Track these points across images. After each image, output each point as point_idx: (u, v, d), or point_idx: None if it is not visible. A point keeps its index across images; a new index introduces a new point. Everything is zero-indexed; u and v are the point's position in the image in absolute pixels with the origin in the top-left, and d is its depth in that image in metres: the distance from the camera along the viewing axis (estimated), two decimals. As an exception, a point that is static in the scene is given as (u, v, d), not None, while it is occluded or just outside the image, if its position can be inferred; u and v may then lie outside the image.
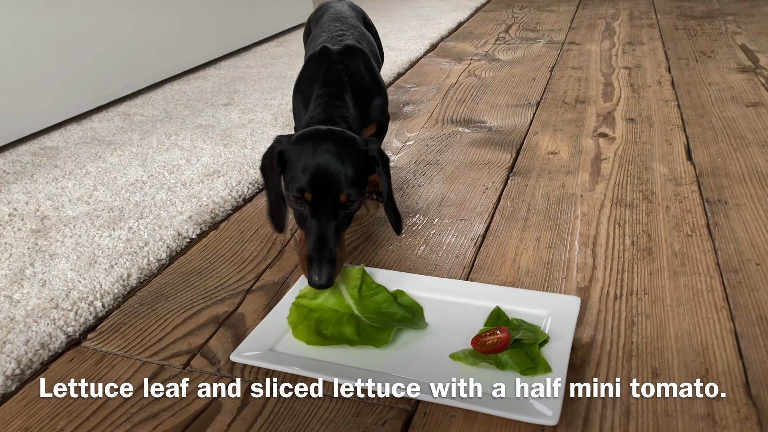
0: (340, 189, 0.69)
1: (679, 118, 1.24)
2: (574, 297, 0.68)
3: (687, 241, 0.81)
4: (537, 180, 1.01)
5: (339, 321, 0.66)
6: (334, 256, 0.68)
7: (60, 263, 0.81)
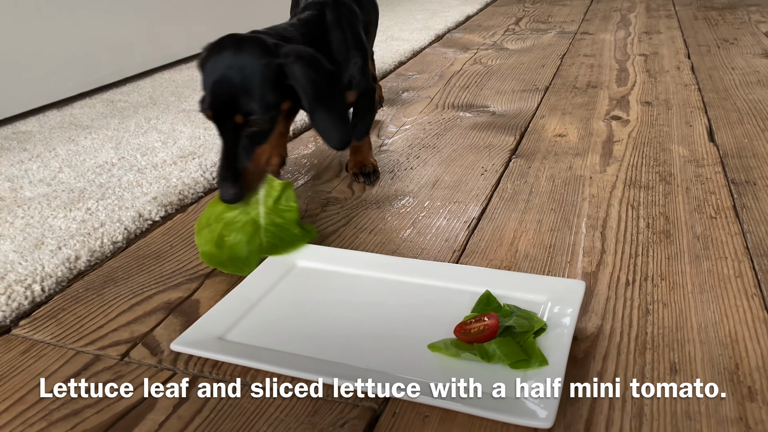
0: (235, 108, 0.66)
1: (699, 101, 1.13)
2: (577, 281, 0.58)
3: (710, 223, 0.71)
4: (542, 162, 0.91)
5: (242, 228, 0.68)
6: (240, 173, 0.67)
7: (3, 245, 0.72)
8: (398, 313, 0.57)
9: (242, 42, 0.68)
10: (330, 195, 0.86)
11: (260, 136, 0.68)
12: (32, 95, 1.28)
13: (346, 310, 0.58)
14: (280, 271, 0.65)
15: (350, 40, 0.81)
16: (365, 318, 0.57)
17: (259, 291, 0.61)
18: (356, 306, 0.59)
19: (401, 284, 0.61)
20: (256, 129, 0.68)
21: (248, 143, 0.68)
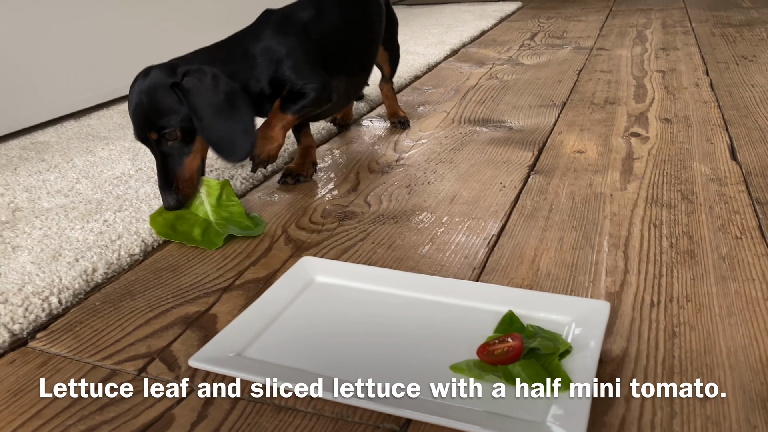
0: (149, 127, 0.75)
1: (720, 119, 1.12)
2: (602, 302, 0.57)
3: (736, 243, 0.70)
4: (561, 179, 0.90)
5: (193, 223, 0.77)
6: (172, 183, 0.76)
7: (21, 256, 0.72)
8: (419, 332, 0.56)
9: (148, 70, 0.78)
10: (347, 209, 0.85)
11: (183, 148, 0.77)
12: (50, 106, 1.29)
13: (365, 327, 0.57)
14: (298, 286, 0.64)
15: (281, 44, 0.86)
16: (385, 336, 0.56)
17: (277, 307, 0.60)
18: (376, 324, 0.58)
19: (421, 302, 0.60)
20: (176, 142, 0.76)
21: (176, 156, 0.77)
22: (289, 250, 0.75)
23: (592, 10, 2.65)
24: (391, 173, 0.97)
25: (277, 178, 0.97)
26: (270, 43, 0.86)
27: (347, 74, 0.99)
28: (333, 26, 0.94)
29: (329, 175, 0.98)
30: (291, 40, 0.86)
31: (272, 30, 0.87)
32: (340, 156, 1.06)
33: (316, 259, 0.68)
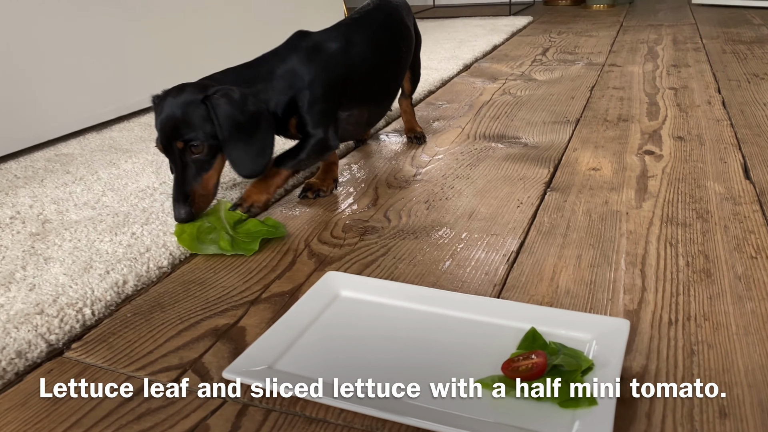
0: (176, 137, 0.79)
1: (733, 137, 1.14)
2: (622, 320, 0.58)
3: (751, 263, 0.71)
4: (577, 196, 0.92)
5: (216, 235, 0.80)
6: (188, 195, 0.79)
7: (53, 267, 0.74)
8: (443, 348, 0.58)
9: (183, 87, 0.82)
10: (368, 224, 0.87)
11: (204, 163, 0.81)
12: (73, 118, 1.32)
13: (391, 342, 0.59)
14: (324, 300, 0.66)
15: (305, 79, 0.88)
16: (411, 351, 0.57)
17: (304, 321, 0.62)
18: (401, 339, 0.59)
19: (445, 318, 0.62)
20: (199, 156, 0.80)
21: (195, 170, 0.80)
22: (312, 264, 0.77)
23: (603, 25, 2.67)
24: (410, 188, 0.99)
25: (297, 192, 0.99)
26: (293, 68, 0.89)
27: (371, 104, 1.02)
28: (361, 59, 0.96)
29: (348, 190, 1.00)
30: (313, 71, 0.89)
31: (299, 56, 0.89)
32: (359, 170, 1.08)
33: (340, 274, 0.70)
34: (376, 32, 1.01)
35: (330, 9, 2.32)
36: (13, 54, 1.19)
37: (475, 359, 0.55)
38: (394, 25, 1.07)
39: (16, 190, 1.01)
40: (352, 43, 0.95)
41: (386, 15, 1.06)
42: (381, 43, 1.02)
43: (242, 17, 1.85)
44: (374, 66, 1.00)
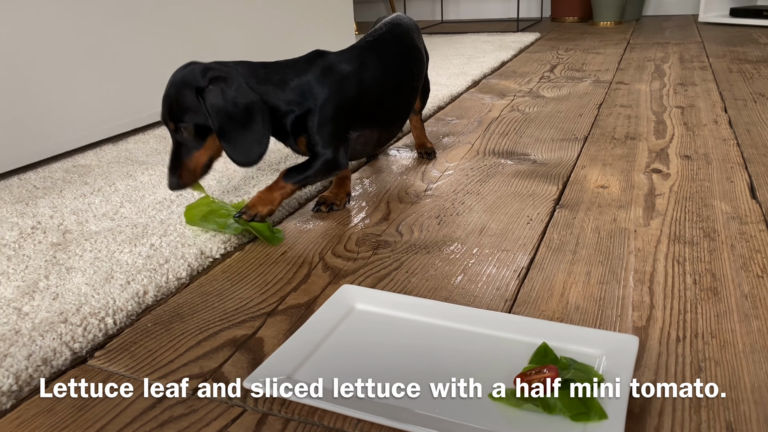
0: (169, 117, 0.85)
1: (739, 156, 1.15)
2: (631, 336, 0.60)
3: (757, 282, 0.73)
4: (586, 213, 0.94)
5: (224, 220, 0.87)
6: (177, 168, 0.86)
7: (76, 277, 0.76)
8: (457, 361, 0.59)
9: (186, 66, 0.86)
10: (380, 238, 0.89)
11: (194, 142, 0.86)
12: (89, 130, 1.35)
13: (406, 355, 0.61)
14: (340, 313, 0.67)
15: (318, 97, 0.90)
16: (425, 364, 0.59)
17: (322, 332, 0.64)
18: (416, 351, 0.61)
19: (458, 332, 0.63)
20: (189, 136, 0.85)
21: (187, 146, 0.86)
22: (327, 277, 0.79)
23: (610, 42, 2.70)
24: (421, 203, 1.01)
25: (311, 206, 1.01)
26: (307, 85, 0.90)
27: (381, 126, 1.03)
28: (373, 82, 0.98)
29: (360, 204, 1.02)
30: (326, 92, 0.91)
31: (314, 74, 0.91)
32: (371, 185, 1.10)
33: (355, 288, 0.71)
34: (389, 56, 1.03)
35: (340, 24, 2.36)
36: (31, 67, 1.22)
37: (488, 373, 0.57)
38: (407, 50, 1.09)
39: (36, 200, 1.03)
40: (366, 66, 0.97)
41: (399, 39, 1.08)
42: (393, 67, 1.03)
43: (255, 33, 1.88)
44: (386, 89, 1.02)
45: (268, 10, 1.93)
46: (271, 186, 0.92)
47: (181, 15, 1.58)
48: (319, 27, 2.22)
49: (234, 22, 1.78)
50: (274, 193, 0.91)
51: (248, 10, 1.84)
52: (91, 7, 1.33)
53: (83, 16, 1.31)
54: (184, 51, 1.59)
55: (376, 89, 0.99)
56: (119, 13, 1.40)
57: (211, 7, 1.68)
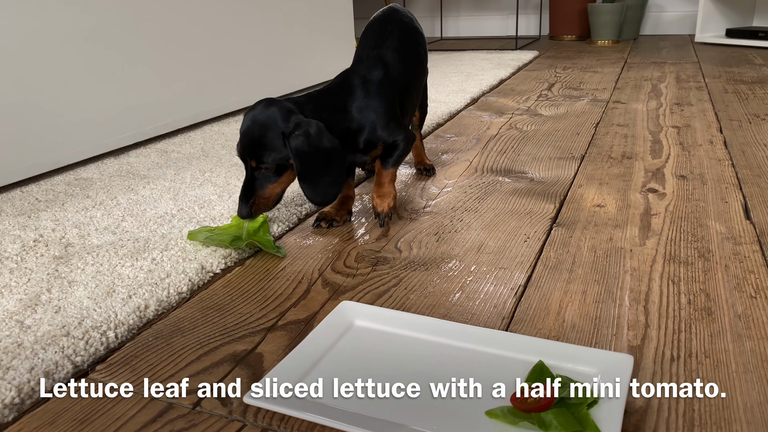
0: (251, 155, 0.89)
1: (734, 177, 1.17)
2: (626, 355, 0.61)
3: (751, 303, 0.74)
4: (582, 232, 0.95)
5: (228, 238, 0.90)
6: (251, 198, 0.90)
7: (77, 291, 0.77)
8: (455, 379, 0.60)
9: (269, 106, 0.89)
10: (379, 254, 0.90)
11: (271, 177, 0.90)
12: (91, 144, 1.36)
13: (404, 372, 0.61)
14: (339, 329, 0.68)
15: (374, 105, 0.97)
16: (422, 381, 0.60)
17: (320, 349, 0.65)
18: (414, 369, 0.62)
19: (456, 349, 0.64)
20: (267, 172, 0.89)
21: (262, 179, 0.90)
22: (326, 293, 0.79)
23: (607, 61, 2.73)
24: (419, 220, 1.02)
25: (311, 221, 1.02)
26: (363, 103, 0.97)
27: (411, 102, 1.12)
28: (398, 80, 1.04)
29: (360, 220, 1.03)
30: (376, 103, 0.98)
31: (362, 91, 0.98)
32: (370, 201, 1.12)
33: (354, 304, 0.72)
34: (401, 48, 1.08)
35: (341, 39, 2.38)
36: (33, 80, 1.24)
37: (486, 390, 0.58)
38: (410, 34, 1.14)
39: (38, 213, 1.04)
40: (389, 65, 1.03)
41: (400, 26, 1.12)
42: (407, 55, 1.09)
43: (256, 47, 1.90)
44: (406, 86, 1.08)
45: (270, 25, 1.95)
46: (379, 182, 1.01)
47: (183, 30, 1.60)
48: (321, 41, 2.24)
49: (236, 37, 1.80)
50: (385, 184, 1.01)
51: (250, 25, 1.86)
52: (95, 20, 1.35)
53: (86, 30, 1.33)
54: (186, 66, 1.61)
55: (400, 86, 1.05)
56: (122, 27, 1.42)
57: (213, 23, 1.70)
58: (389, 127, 0.99)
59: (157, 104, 1.52)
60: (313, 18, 2.18)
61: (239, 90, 1.82)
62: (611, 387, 0.56)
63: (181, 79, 1.59)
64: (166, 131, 1.55)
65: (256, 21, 1.89)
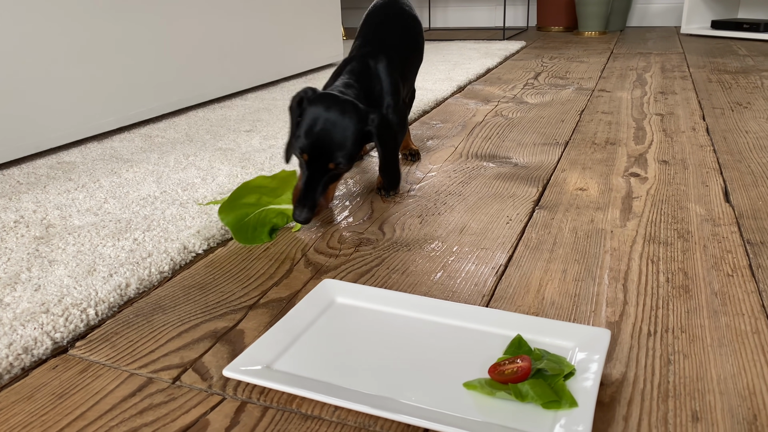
0: (330, 158, 0.85)
1: (715, 162, 1.18)
2: (603, 329, 0.62)
3: (727, 280, 0.75)
4: (564, 214, 0.96)
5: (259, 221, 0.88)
6: (316, 202, 0.85)
7: (58, 269, 0.77)
8: (434, 353, 0.61)
9: (343, 104, 0.87)
10: (363, 236, 0.90)
11: (338, 176, 0.89)
12: (75, 128, 1.35)
13: (383, 347, 0.62)
14: (320, 306, 0.69)
15: (386, 88, 1.02)
16: (402, 355, 0.60)
17: (301, 324, 0.65)
18: (394, 344, 0.62)
19: (436, 325, 0.65)
20: (337, 172, 0.88)
21: (327, 181, 0.87)
22: (309, 273, 0.80)
23: (594, 51, 2.74)
24: (404, 203, 1.03)
25: (295, 205, 1.02)
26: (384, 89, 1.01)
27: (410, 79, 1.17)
28: (403, 66, 1.08)
29: (344, 203, 1.03)
30: (392, 88, 1.02)
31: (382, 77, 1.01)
32: (354, 185, 1.12)
33: (336, 282, 0.73)
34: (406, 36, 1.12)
35: (329, 29, 2.37)
36: (16, 64, 1.22)
37: (465, 363, 0.58)
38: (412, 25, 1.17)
39: (19, 195, 1.03)
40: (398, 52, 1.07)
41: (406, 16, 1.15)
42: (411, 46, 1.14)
43: (242, 34, 1.89)
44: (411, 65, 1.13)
45: (257, 14, 1.94)
46: None
47: (168, 16, 1.58)
48: (308, 29, 2.23)
49: (222, 24, 1.79)
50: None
51: (237, 14, 1.85)
52: (79, 4, 1.33)
53: (70, 13, 1.32)
54: (171, 51, 1.60)
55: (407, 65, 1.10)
56: (106, 11, 1.40)
57: (199, 9, 1.69)
58: (397, 110, 1.03)
59: (141, 89, 1.51)
60: (299, 5, 2.17)
61: (224, 76, 1.81)
62: (588, 359, 0.57)
63: (165, 65, 1.58)
64: (150, 116, 1.54)
65: (242, 7, 1.87)
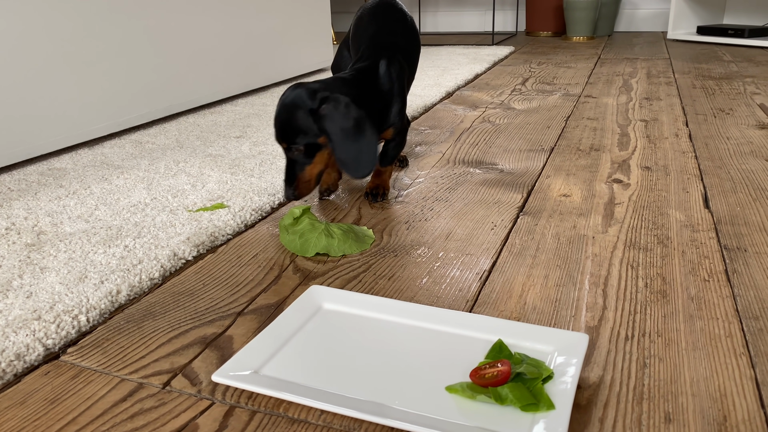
0: (284, 138, 0.91)
1: (696, 168, 1.21)
2: (582, 334, 0.64)
3: (704, 285, 0.77)
4: (548, 220, 0.98)
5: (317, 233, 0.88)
6: (293, 181, 0.92)
7: (49, 276, 0.78)
8: (418, 357, 0.62)
9: (296, 89, 0.91)
10: (350, 243, 0.92)
11: (307, 156, 0.92)
12: (65, 134, 1.36)
13: (368, 351, 0.64)
14: (308, 312, 0.70)
15: (394, 90, 1.03)
16: (387, 360, 0.62)
17: (289, 330, 0.67)
18: (379, 348, 0.64)
19: (420, 330, 0.66)
20: (300, 153, 0.91)
21: (299, 161, 0.92)
22: (297, 279, 0.81)
23: (581, 57, 2.77)
24: (391, 209, 1.04)
25: (284, 211, 1.03)
26: (387, 89, 1.02)
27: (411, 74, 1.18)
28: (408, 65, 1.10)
29: (332, 209, 1.05)
30: (398, 88, 1.03)
31: (386, 76, 1.02)
32: (343, 191, 1.13)
33: (323, 288, 0.74)
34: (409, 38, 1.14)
35: (319, 34, 2.39)
36: (7, 70, 1.23)
37: (447, 367, 0.60)
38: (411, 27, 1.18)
39: (10, 202, 1.04)
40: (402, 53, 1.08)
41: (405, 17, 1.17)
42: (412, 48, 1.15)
43: (231, 39, 1.90)
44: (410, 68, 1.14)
45: (248, 20, 1.96)
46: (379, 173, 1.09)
47: (159, 22, 1.60)
48: (297, 34, 2.25)
49: (212, 29, 1.81)
50: (384, 176, 1.10)
51: (227, 19, 1.86)
52: (69, 11, 1.34)
53: (61, 19, 1.33)
54: (161, 57, 1.61)
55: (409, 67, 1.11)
56: (96, 18, 1.41)
57: (189, 15, 1.70)
58: (402, 114, 1.05)
59: (131, 95, 1.52)
60: (289, 11, 2.19)
61: (215, 82, 1.82)
62: (566, 363, 0.59)
63: (156, 71, 1.59)
64: (140, 122, 1.55)
65: (232, 13, 1.89)
